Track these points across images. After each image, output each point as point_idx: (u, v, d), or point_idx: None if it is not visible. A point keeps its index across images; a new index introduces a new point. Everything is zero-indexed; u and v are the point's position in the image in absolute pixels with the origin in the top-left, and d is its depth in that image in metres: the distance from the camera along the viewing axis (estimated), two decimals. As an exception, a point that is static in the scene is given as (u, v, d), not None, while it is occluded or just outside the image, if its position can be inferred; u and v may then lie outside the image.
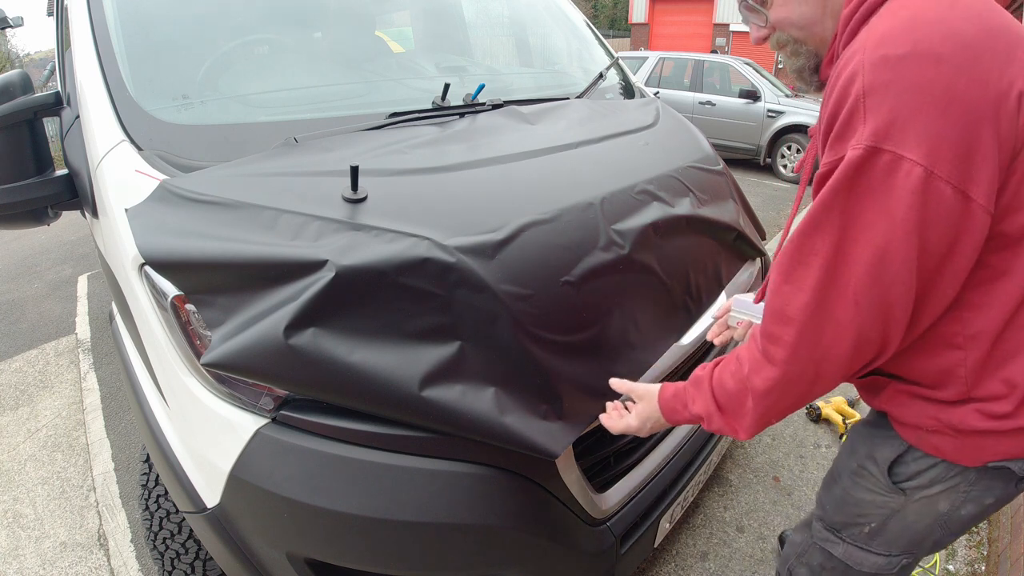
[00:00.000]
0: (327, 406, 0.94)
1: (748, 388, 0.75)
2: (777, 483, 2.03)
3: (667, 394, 0.90)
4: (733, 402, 0.79)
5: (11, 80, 1.30)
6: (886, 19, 0.63)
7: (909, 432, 0.83)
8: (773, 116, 6.81)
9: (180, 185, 1.01)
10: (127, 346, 1.35)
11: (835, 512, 0.98)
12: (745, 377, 0.76)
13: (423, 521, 0.92)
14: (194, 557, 1.23)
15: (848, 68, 0.62)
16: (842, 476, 0.96)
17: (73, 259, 4.76)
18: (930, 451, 0.82)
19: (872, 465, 0.89)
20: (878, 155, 0.59)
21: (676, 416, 0.89)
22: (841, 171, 0.62)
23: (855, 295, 0.64)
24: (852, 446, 0.96)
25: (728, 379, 0.80)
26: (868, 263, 0.63)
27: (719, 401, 0.81)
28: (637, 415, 0.95)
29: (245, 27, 1.49)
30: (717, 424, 0.82)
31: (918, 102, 0.58)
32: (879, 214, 0.61)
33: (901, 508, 0.88)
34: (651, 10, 23.36)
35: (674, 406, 0.89)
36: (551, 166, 1.29)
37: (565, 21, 2.30)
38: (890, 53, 0.59)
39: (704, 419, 0.84)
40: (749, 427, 0.79)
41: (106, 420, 2.50)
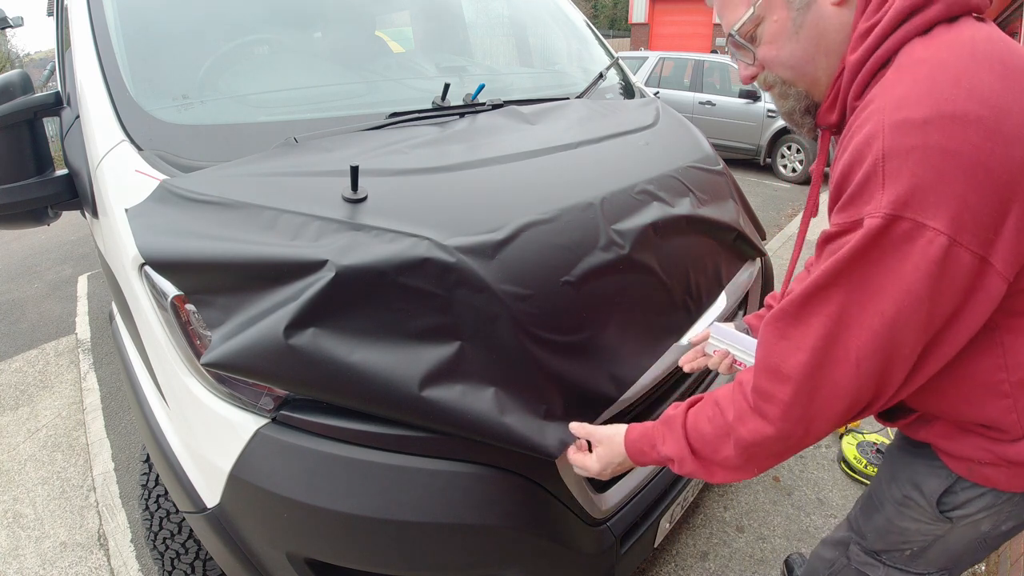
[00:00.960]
0: (327, 406, 0.94)
1: (731, 435, 0.73)
2: (777, 483, 2.03)
3: (633, 435, 0.88)
4: (708, 447, 0.77)
5: (11, 80, 1.30)
6: (905, 76, 0.59)
7: (960, 464, 0.81)
8: (773, 116, 6.80)
9: (180, 185, 1.01)
10: (127, 346, 1.35)
11: (877, 540, 0.97)
12: (728, 424, 0.74)
13: (423, 521, 0.92)
14: (194, 557, 1.23)
15: (866, 128, 0.59)
16: (885, 505, 0.94)
17: (73, 259, 4.76)
18: (981, 481, 0.80)
19: (919, 496, 0.87)
20: (897, 223, 0.56)
21: (643, 457, 0.87)
22: (858, 240, 0.58)
23: (858, 359, 0.62)
24: (892, 473, 0.93)
25: (705, 424, 0.77)
26: (875, 330, 0.60)
27: (693, 445, 0.79)
28: (598, 458, 0.92)
29: (245, 27, 1.49)
30: (689, 467, 0.80)
31: (942, 168, 0.54)
32: (892, 281, 0.58)
33: (946, 534, 0.87)
34: (651, 10, 23.34)
35: (641, 447, 0.86)
36: (551, 166, 1.29)
37: (565, 21, 2.30)
38: (911, 116, 0.55)
39: (675, 461, 0.81)
40: (726, 474, 0.77)
41: (106, 420, 2.50)
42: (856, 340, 0.61)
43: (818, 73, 0.72)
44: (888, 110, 0.57)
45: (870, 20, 0.65)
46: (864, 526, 0.99)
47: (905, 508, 0.90)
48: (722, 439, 0.74)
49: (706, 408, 0.79)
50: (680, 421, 0.81)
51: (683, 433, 0.80)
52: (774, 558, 1.73)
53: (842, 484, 2.02)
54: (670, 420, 0.83)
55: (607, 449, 0.91)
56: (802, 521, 1.86)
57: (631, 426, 0.90)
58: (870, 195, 0.58)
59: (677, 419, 0.82)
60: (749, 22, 0.73)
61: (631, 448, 0.88)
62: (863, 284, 0.60)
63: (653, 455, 0.85)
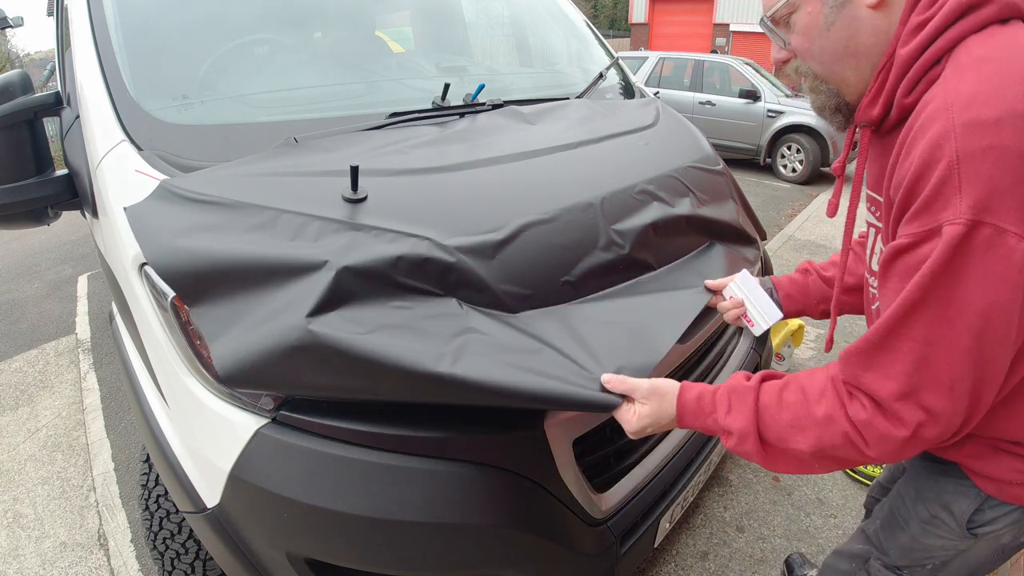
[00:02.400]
0: (327, 406, 0.94)
1: (813, 431, 0.68)
2: (777, 483, 2.03)
3: (690, 395, 0.80)
4: (779, 434, 0.70)
5: (11, 80, 1.30)
6: (968, 74, 0.57)
7: (991, 485, 0.80)
8: (773, 116, 6.81)
9: (180, 185, 1.01)
10: (127, 346, 1.35)
11: (900, 557, 0.96)
12: (814, 420, 0.68)
13: (423, 521, 0.92)
14: (194, 557, 1.23)
15: (932, 128, 0.57)
16: (910, 524, 0.92)
17: (73, 259, 4.76)
18: (1010, 500, 0.79)
19: (948, 516, 0.86)
20: (979, 229, 0.54)
21: (696, 422, 0.79)
22: (941, 251, 0.55)
23: (951, 382, 0.59)
24: (917, 491, 0.91)
25: (784, 410, 0.71)
26: (966, 348, 0.58)
27: (762, 426, 0.72)
28: (641, 416, 0.82)
29: (245, 27, 1.49)
30: (747, 447, 0.73)
31: (1018, 169, 0.52)
32: (978, 294, 0.56)
33: (969, 549, 0.88)
34: (651, 10, 23.35)
35: (698, 411, 0.78)
36: (551, 166, 1.29)
37: (565, 21, 2.30)
38: (983, 116, 0.53)
39: (733, 436, 0.74)
40: (785, 464, 0.72)
41: (106, 420, 2.50)
42: (947, 361, 0.59)
43: (847, 73, 0.71)
44: (956, 109, 0.55)
45: (923, 14, 0.62)
46: (886, 543, 0.98)
47: (931, 527, 0.89)
48: (799, 431, 0.69)
49: (789, 393, 0.72)
50: (752, 396, 0.74)
51: (754, 409, 0.73)
52: (774, 558, 1.73)
53: (842, 484, 2.02)
54: (739, 390, 0.76)
55: (654, 406, 0.81)
56: (802, 521, 1.86)
57: (685, 385, 0.82)
58: (946, 200, 0.55)
59: (748, 392, 0.75)
60: (784, 7, 0.72)
61: (686, 409, 0.79)
62: (949, 300, 0.57)
63: (708, 422, 0.77)
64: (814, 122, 6.51)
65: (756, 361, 1.72)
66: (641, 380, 0.85)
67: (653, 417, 0.82)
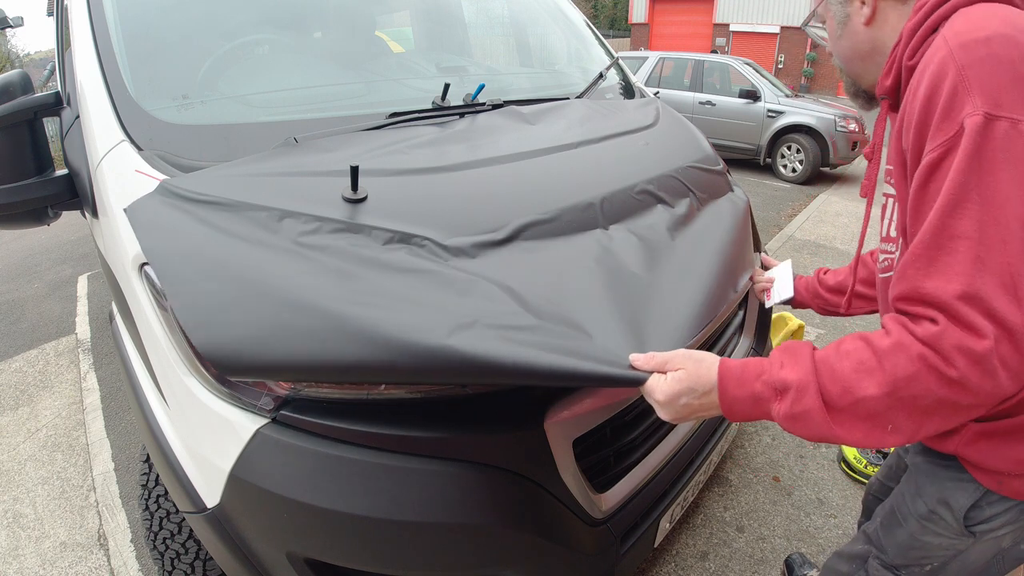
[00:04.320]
0: (327, 406, 0.94)
1: (881, 368, 0.62)
2: (777, 483, 2.03)
3: (732, 362, 0.73)
4: (842, 384, 0.64)
5: (11, 80, 1.30)
6: (958, 22, 0.66)
7: (989, 477, 0.80)
8: (773, 116, 6.81)
9: (180, 185, 1.01)
10: (127, 346, 1.35)
11: (898, 555, 0.96)
12: (877, 354, 0.63)
13: (423, 521, 0.92)
14: (194, 557, 1.23)
15: (934, 62, 0.65)
16: (908, 520, 0.93)
17: (73, 259, 4.76)
18: (1010, 494, 0.80)
19: (946, 511, 0.86)
20: (996, 122, 0.59)
21: (741, 387, 0.71)
22: (968, 141, 0.60)
23: (1012, 279, 0.59)
24: (917, 488, 0.92)
25: (842, 359, 0.66)
26: (1018, 241, 0.59)
27: (823, 379, 0.66)
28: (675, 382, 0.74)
29: (245, 27, 1.49)
30: (808, 402, 0.65)
31: (1013, 73, 0.60)
32: (1013, 185, 0.59)
33: (967, 549, 0.87)
34: (651, 10, 23.36)
35: (742, 374, 0.71)
36: (551, 166, 1.29)
37: (565, 21, 2.30)
38: (974, 37, 0.62)
39: (790, 392, 0.67)
40: (851, 424, 0.64)
41: (106, 420, 2.50)
42: (1002, 258, 0.59)
43: (857, 70, 0.87)
44: (950, 39, 0.64)
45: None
46: (885, 540, 0.98)
47: (930, 523, 0.89)
48: (866, 374, 0.63)
49: (846, 343, 0.67)
50: (807, 349, 0.70)
51: (811, 360, 0.68)
52: (774, 558, 1.73)
53: (842, 484, 2.02)
54: (790, 347, 0.71)
55: (691, 371, 0.74)
56: (802, 521, 1.86)
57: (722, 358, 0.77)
58: (960, 104, 0.61)
59: (802, 346, 0.70)
60: (815, 18, 0.92)
61: (730, 374, 0.72)
62: (988, 195, 0.59)
63: (756, 387, 0.70)
64: (814, 122, 6.52)
65: (756, 361, 1.72)
66: (671, 352, 0.79)
67: (689, 382, 0.73)
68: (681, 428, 1.36)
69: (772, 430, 2.31)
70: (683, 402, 0.74)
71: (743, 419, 0.73)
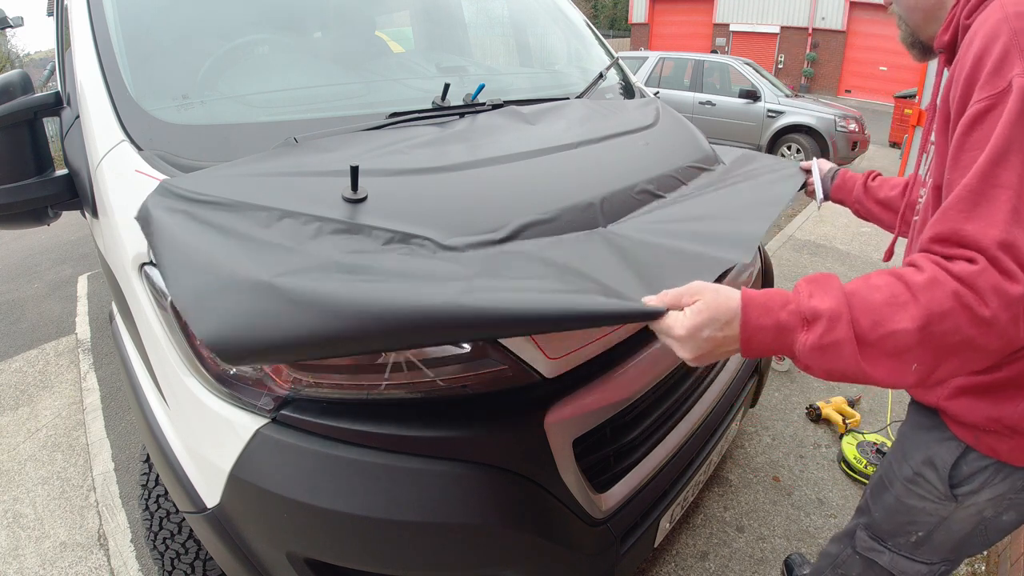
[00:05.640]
0: (327, 406, 0.95)
1: (916, 301, 0.61)
2: (777, 483, 2.03)
3: (755, 291, 0.69)
4: (874, 316, 0.62)
5: (11, 80, 1.30)
6: None
7: (966, 432, 0.84)
8: (773, 116, 6.81)
9: (180, 185, 1.01)
10: (127, 346, 1.35)
11: (884, 520, 0.99)
12: (912, 287, 0.62)
13: (423, 521, 0.92)
14: (194, 557, 1.23)
15: (988, 23, 0.70)
16: (894, 483, 0.96)
17: (73, 259, 4.76)
18: (986, 452, 0.84)
19: (930, 471, 0.90)
20: None
21: (768, 315, 0.66)
22: (1014, 99, 0.64)
23: None
24: (904, 452, 0.95)
25: (872, 291, 0.64)
26: None
27: (854, 310, 0.63)
28: (694, 313, 0.68)
29: (245, 27, 1.49)
30: (840, 332, 0.62)
31: None
32: None
33: (950, 516, 0.90)
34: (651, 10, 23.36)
35: (767, 302, 0.67)
36: (551, 166, 1.29)
37: (565, 21, 2.30)
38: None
39: (822, 320, 0.63)
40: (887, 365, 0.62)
41: (106, 420, 2.50)
42: None
43: (918, 22, 0.89)
44: (1007, 4, 0.69)
45: None
46: (873, 506, 1.02)
47: (914, 485, 0.93)
48: (899, 308, 0.61)
49: (875, 277, 0.66)
50: (836, 280, 0.67)
51: (841, 292, 0.65)
52: (774, 558, 1.73)
53: (842, 484, 2.02)
54: (817, 278, 0.69)
55: (709, 298, 0.69)
56: (802, 521, 1.86)
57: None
58: (1011, 63, 0.66)
59: (830, 277, 0.68)
60: None
61: (753, 302, 0.67)
62: None
63: (782, 316, 0.66)
64: (814, 122, 6.52)
65: (756, 361, 1.72)
66: (684, 286, 0.74)
67: (710, 312, 0.67)
68: (680, 428, 1.36)
69: (772, 430, 2.31)
70: (706, 335, 0.68)
71: (760, 353, 0.69)
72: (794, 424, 2.36)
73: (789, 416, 2.42)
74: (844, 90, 19.63)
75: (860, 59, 18.91)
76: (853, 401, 2.44)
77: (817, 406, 2.37)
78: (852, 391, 2.57)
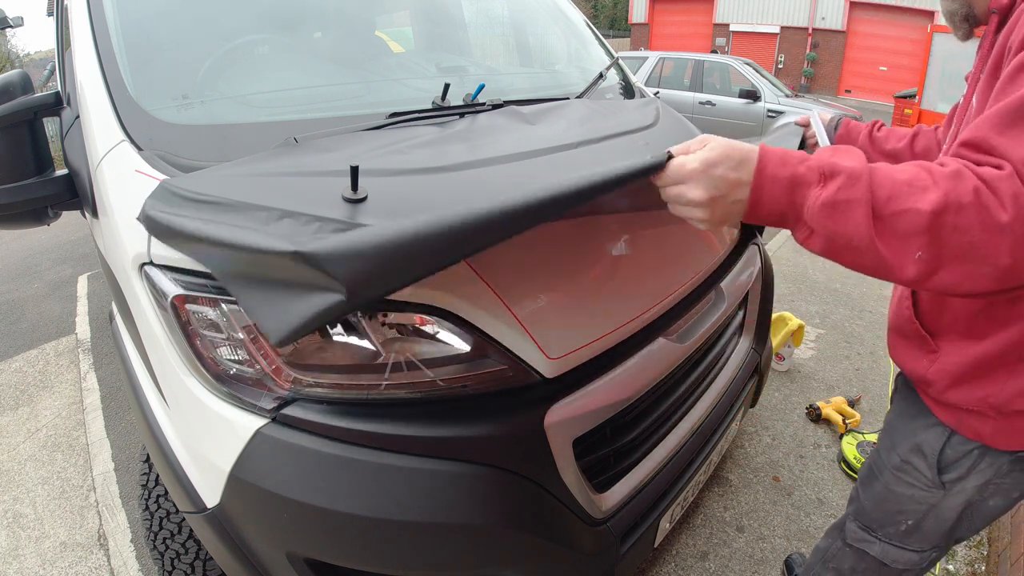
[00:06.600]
0: (327, 406, 0.95)
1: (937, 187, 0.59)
2: (777, 483, 2.03)
3: (772, 147, 0.67)
4: (895, 190, 0.60)
5: (11, 80, 1.30)
6: None
7: (949, 415, 0.85)
8: (773, 116, 6.81)
9: (180, 185, 1.01)
10: (127, 346, 1.35)
11: (874, 510, 1.00)
12: (936, 176, 0.60)
13: (423, 521, 0.92)
14: (194, 557, 1.23)
15: None
16: (883, 472, 0.98)
17: (73, 259, 4.76)
18: (969, 435, 0.84)
19: (918, 459, 0.91)
20: None
21: (784, 168, 0.64)
22: None
23: None
24: (891, 441, 0.97)
25: (897, 172, 0.61)
26: None
27: (874, 179, 0.61)
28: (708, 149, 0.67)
29: (245, 27, 1.49)
30: (859, 191, 0.60)
31: None
32: None
33: (939, 503, 0.91)
34: (651, 10, 23.36)
35: (785, 156, 0.65)
36: (551, 166, 1.29)
37: (565, 21, 2.30)
38: None
39: (840, 175, 0.61)
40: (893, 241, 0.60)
41: (106, 420, 2.50)
42: None
43: None
44: None
45: None
46: (863, 495, 1.03)
47: (902, 473, 0.94)
48: (920, 190, 0.59)
49: (898, 165, 0.64)
50: (858, 152, 0.65)
51: (864, 159, 0.63)
52: (774, 558, 1.73)
53: (842, 484, 2.02)
54: (839, 148, 0.67)
55: (723, 143, 0.67)
56: (802, 521, 1.86)
57: None
58: None
59: (852, 148, 0.66)
60: None
61: (770, 153, 0.65)
62: None
63: (800, 167, 0.63)
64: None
65: (756, 361, 1.72)
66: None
67: (723, 150, 0.66)
68: (680, 428, 1.36)
69: (772, 430, 2.31)
70: (719, 172, 0.65)
71: (768, 210, 0.66)
72: (794, 424, 2.36)
73: (789, 416, 2.42)
74: (844, 90, 19.63)
75: (860, 59, 18.92)
76: (853, 401, 2.44)
77: (817, 406, 2.37)
78: (852, 391, 2.57)
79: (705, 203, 0.67)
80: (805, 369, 2.78)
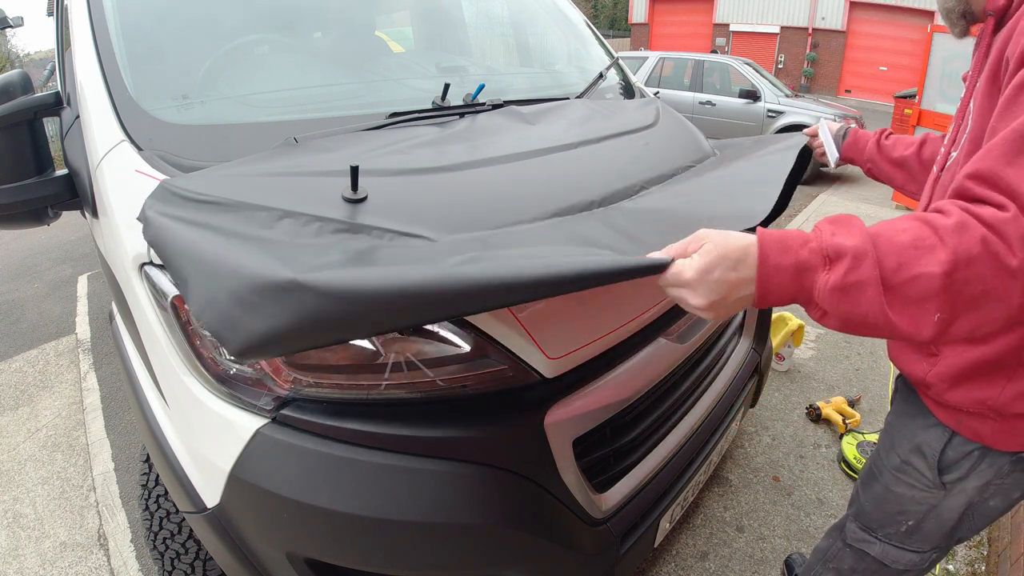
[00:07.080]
0: (327, 406, 0.95)
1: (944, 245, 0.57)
2: (777, 483, 2.03)
3: (770, 231, 0.65)
4: (902, 257, 0.58)
5: (11, 80, 1.30)
6: None
7: (950, 416, 0.85)
8: (773, 116, 6.81)
9: (180, 185, 1.01)
10: (127, 346, 1.35)
11: (874, 510, 1.00)
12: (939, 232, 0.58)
13: (423, 521, 0.92)
14: (194, 557, 1.23)
15: None
16: (883, 473, 0.98)
17: (73, 259, 4.76)
18: (969, 436, 0.84)
19: (918, 459, 0.91)
20: None
21: (786, 255, 0.61)
22: None
23: None
24: (891, 442, 0.97)
25: (899, 233, 0.59)
26: None
27: (880, 251, 0.59)
28: (703, 254, 0.64)
29: (245, 27, 1.49)
30: (865, 271, 0.58)
31: None
32: None
33: (939, 503, 0.91)
34: (651, 10, 23.36)
35: (784, 239, 0.62)
36: (551, 166, 1.29)
37: (564, 21, 2.30)
38: None
39: (845, 258, 0.59)
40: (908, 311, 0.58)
41: (106, 420, 2.50)
42: None
43: None
44: None
45: None
46: (863, 496, 1.03)
47: (902, 474, 0.94)
48: (926, 251, 0.57)
49: (900, 220, 0.62)
50: (858, 220, 0.63)
51: (865, 231, 0.61)
52: (774, 558, 1.73)
53: (842, 484, 2.02)
54: (839, 218, 0.64)
55: (718, 243, 0.64)
56: (802, 521, 1.86)
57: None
58: None
59: (852, 218, 0.64)
60: None
61: (769, 240, 0.62)
62: None
63: (802, 254, 0.61)
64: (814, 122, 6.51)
65: (756, 361, 1.72)
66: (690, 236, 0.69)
67: (718, 251, 0.63)
68: (681, 428, 1.36)
69: (772, 430, 2.31)
70: (716, 276, 0.63)
71: (775, 298, 0.64)
72: (794, 424, 2.36)
73: (789, 416, 2.42)
74: (844, 90, 19.63)
75: (860, 59, 18.91)
76: (853, 401, 2.44)
77: (817, 406, 2.36)
78: (852, 391, 2.57)
79: (706, 308, 0.65)
80: (805, 369, 2.78)
